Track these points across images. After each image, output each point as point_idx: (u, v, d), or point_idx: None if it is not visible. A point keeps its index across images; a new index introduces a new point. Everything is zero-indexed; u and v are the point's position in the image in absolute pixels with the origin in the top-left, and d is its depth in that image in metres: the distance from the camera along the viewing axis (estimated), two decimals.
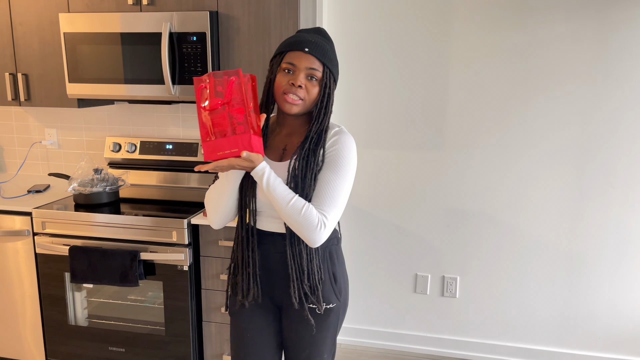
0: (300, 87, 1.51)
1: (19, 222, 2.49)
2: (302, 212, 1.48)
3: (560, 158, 2.63)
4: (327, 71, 1.54)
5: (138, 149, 2.86)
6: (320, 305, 1.62)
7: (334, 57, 1.58)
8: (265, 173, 1.47)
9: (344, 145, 1.55)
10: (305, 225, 1.48)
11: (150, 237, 2.35)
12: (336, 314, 1.68)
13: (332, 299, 1.64)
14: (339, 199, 1.53)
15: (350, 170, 1.56)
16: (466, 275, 2.85)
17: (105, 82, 2.49)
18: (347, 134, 1.59)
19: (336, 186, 1.52)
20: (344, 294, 1.70)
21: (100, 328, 2.52)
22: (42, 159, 3.11)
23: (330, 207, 1.51)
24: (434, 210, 2.81)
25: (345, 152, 1.55)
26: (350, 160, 1.56)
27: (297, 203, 1.48)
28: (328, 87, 1.55)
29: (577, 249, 2.70)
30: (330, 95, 1.56)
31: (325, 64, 1.53)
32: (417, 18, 2.64)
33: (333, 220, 1.52)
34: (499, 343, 2.88)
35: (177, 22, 2.35)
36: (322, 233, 1.50)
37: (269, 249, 1.63)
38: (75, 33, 2.46)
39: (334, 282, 1.66)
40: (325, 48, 1.54)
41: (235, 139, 1.43)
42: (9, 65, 2.65)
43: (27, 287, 2.56)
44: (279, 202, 1.49)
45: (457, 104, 2.68)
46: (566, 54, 2.53)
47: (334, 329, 1.71)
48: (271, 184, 1.48)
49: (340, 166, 1.54)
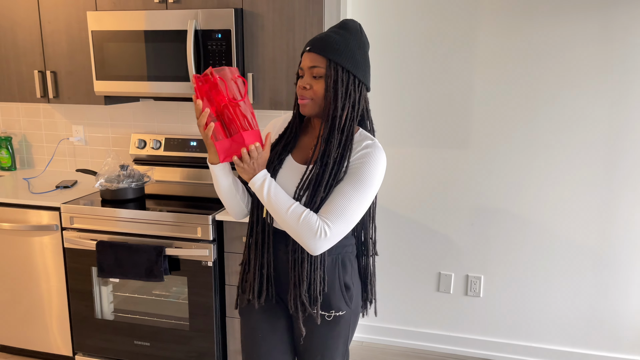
0: (305, 89, 1.47)
1: (48, 217, 2.53)
2: (302, 219, 1.42)
3: (588, 155, 2.58)
4: (332, 64, 1.43)
5: (163, 145, 2.89)
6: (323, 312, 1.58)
7: (346, 47, 1.45)
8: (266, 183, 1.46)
9: (371, 160, 1.46)
10: (303, 232, 1.43)
11: (175, 233, 2.37)
12: (347, 321, 1.63)
13: (342, 306, 1.59)
14: (347, 213, 1.44)
15: (371, 188, 1.46)
16: (490, 274, 2.82)
17: (131, 79, 2.52)
18: (378, 149, 1.49)
19: (349, 199, 1.44)
20: (355, 300, 1.64)
21: (126, 322, 2.55)
22: (70, 155, 3.16)
23: (336, 218, 1.43)
24: (458, 208, 2.78)
25: (371, 168, 1.46)
26: (374, 178, 1.46)
27: (296, 210, 1.43)
28: (332, 79, 1.44)
29: (606, 247, 2.64)
30: (337, 88, 1.44)
31: (328, 57, 1.43)
32: (441, 14, 2.61)
33: (337, 232, 1.44)
34: (523, 343, 2.84)
35: (202, 19, 2.37)
36: (321, 242, 1.43)
37: (281, 247, 1.58)
38: (103, 31, 2.49)
39: (344, 290, 1.60)
40: (332, 40, 1.44)
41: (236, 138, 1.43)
42: (38, 63, 2.69)
43: (55, 281, 2.61)
44: (278, 209, 1.44)
45: (482, 101, 2.65)
46: (593, 50, 2.48)
47: (345, 336, 1.66)
48: (272, 192, 1.45)
49: (361, 181, 1.45)
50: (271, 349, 1.67)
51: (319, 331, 1.62)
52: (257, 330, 1.67)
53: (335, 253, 1.58)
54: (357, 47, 1.47)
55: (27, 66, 2.71)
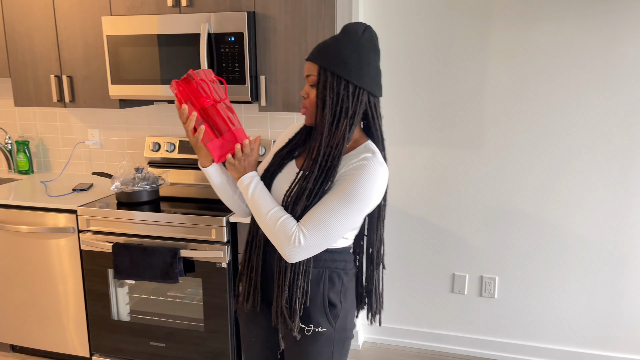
0: (303, 98, 1.45)
1: (64, 220, 2.57)
2: (279, 223, 1.37)
3: (604, 154, 2.56)
4: (322, 69, 1.37)
5: (177, 148, 2.92)
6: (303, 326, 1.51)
7: (336, 51, 1.37)
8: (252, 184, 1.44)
9: (364, 174, 1.36)
10: (279, 237, 1.37)
11: (190, 235, 2.39)
12: (329, 340, 1.52)
13: (322, 322, 1.50)
14: (326, 225, 1.36)
15: (358, 203, 1.36)
16: (505, 275, 2.80)
17: (146, 82, 2.55)
18: (375, 163, 1.38)
19: (331, 212, 1.36)
20: (341, 321, 1.53)
21: (142, 323, 2.58)
22: (86, 158, 3.20)
23: (312, 228, 1.36)
24: (472, 209, 2.77)
25: (361, 181, 1.36)
26: (363, 192, 1.36)
27: (275, 214, 1.39)
28: (321, 85, 1.37)
29: (622, 248, 2.62)
30: (325, 94, 1.37)
31: (318, 62, 1.38)
32: (454, 14, 2.61)
33: (312, 242, 1.37)
34: (538, 345, 2.82)
35: (215, 23, 2.39)
36: (295, 250, 1.36)
37: (272, 254, 1.52)
38: (118, 36, 2.52)
39: (327, 306, 1.51)
40: (325, 45, 1.39)
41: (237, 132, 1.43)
42: (54, 68, 2.73)
43: (72, 283, 2.64)
44: (259, 209, 1.41)
45: (495, 101, 2.64)
46: (608, 48, 2.45)
47: (328, 356, 1.54)
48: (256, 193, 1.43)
49: (347, 194, 1.36)
50: (260, 356, 1.66)
51: (299, 346, 1.53)
52: (245, 337, 1.66)
53: (323, 267, 1.50)
54: (352, 51, 1.37)
55: (43, 71, 2.75)
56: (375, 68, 1.41)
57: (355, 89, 1.38)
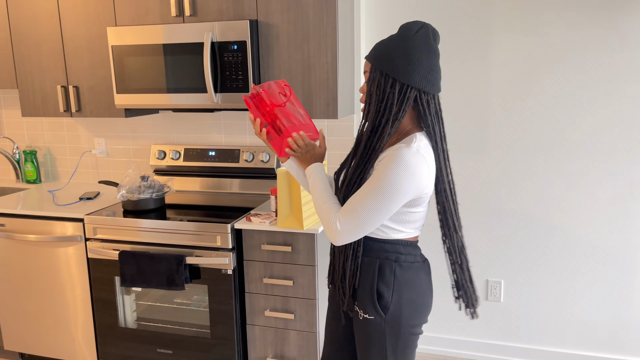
0: (362, 95, 1.57)
1: (72, 228, 2.60)
2: (324, 206, 1.55)
3: (609, 158, 2.55)
4: (372, 68, 1.50)
5: (182, 156, 2.94)
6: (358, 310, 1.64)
7: (388, 52, 1.46)
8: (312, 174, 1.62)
9: (393, 163, 1.43)
10: (324, 221, 1.54)
11: (196, 242, 2.41)
12: (378, 329, 1.59)
13: (369, 310, 1.59)
14: (358, 212, 1.46)
15: (389, 191, 1.43)
16: (511, 279, 2.79)
17: (151, 92, 2.58)
18: (407, 153, 1.43)
19: (363, 199, 1.46)
20: (392, 313, 1.58)
21: (149, 330, 2.59)
22: (92, 167, 3.23)
23: (347, 217, 1.48)
24: (477, 212, 2.77)
25: (391, 170, 1.43)
26: (394, 181, 1.42)
27: (326, 198, 1.56)
28: (372, 83, 1.49)
29: (628, 251, 2.61)
30: (372, 91, 1.49)
31: (371, 61, 1.51)
32: (456, 19, 2.62)
33: (347, 228, 1.47)
34: (545, 348, 2.81)
35: (219, 31, 2.41)
36: (334, 234, 1.51)
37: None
38: (123, 46, 2.56)
39: (375, 296, 1.58)
40: (380, 45, 1.50)
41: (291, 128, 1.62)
42: (60, 78, 2.77)
43: (79, 291, 2.66)
44: (313, 193, 1.60)
45: (500, 105, 2.65)
46: (612, 52, 2.46)
47: (380, 346, 1.61)
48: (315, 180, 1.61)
49: (378, 183, 1.44)
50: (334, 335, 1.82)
51: (356, 327, 1.67)
52: (328, 310, 1.83)
53: (374, 256, 1.59)
54: (402, 50, 1.45)
55: (50, 81, 2.79)
56: (427, 66, 1.46)
57: (403, 87, 1.46)
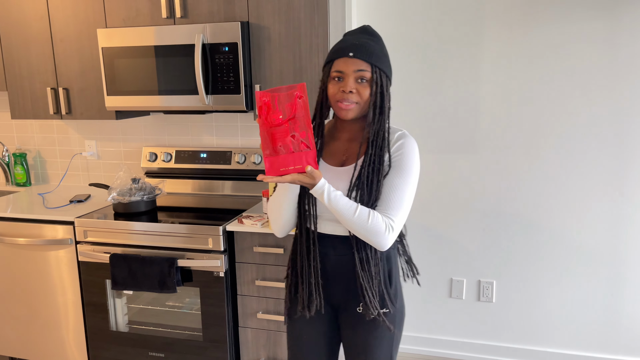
0: (351, 93, 1.52)
1: (62, 231, 2.58)
2: (370, 220, 1.50)
3: (599, 158, 2.57)
4: (377, 69, 1.52)
5: (173, 158, 2.93)
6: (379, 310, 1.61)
7: (382, 53, 1.55)
8: (326, 189, 1.48)
9: (408, 149, 1.57)
10: (373, 233, 1.51)
11: (187, 245, 2.40)
12: (391, 321, 1.64)
13: (385, 303, 1.62)
14: (404, 202, 1.55)
15: (415, 174, 1.58)
16: (503, 280, 2.80)
17: (142, 94, 2.56)
18: (410, 138, 1.60)
19: (402, 190, 1.55)
20: (399, 300, 1.67)
21: (140, 334, 2.58)
22: (83, 169, 3.21)
23: (396, 211, 1.54)
24: (469, 213, 2.78)
25: (410, 155, 1.57)
26: (415, 163, 1.58)
27: (362, 212, 1.50)
28: (379, 86, 1.53)
29: (619, 250, 2.62)
30: (383, 93, 1.54)
31: (373, 63, 1.52)
32: (447, 20, 2.63)
33: (399, 223, 1.55)
34: (537, 349, 2.82)
35: (210, 33, 2.41)
36: (390, 237, 1.53)
37: (328, 252, 1.63)
38: (113, 47, 2.54)
39: (388, 286, 1.63)
40: (371, 47, 1.53)
41: (300, 155, 1.44)
42: (50, 81, 2.75)
43: (70, 294, 2.65)
44: (344, 214, 1.50)
45: (490, 105, 2.66)
46: (601, 51, 2.47)
47: (390, 339, 1.66)
48: (332, 199, 1.49)
49: (406, 170, 1.56)
50: (316, 351, 1.74)
51: (363, 330, 1.63)
52: (302, 333, 1.73)
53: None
54: (386, 53, 1.59)
55: (40, 84, 2.77)
56: None
57: (390, 85, 1.59)
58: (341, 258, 1.62)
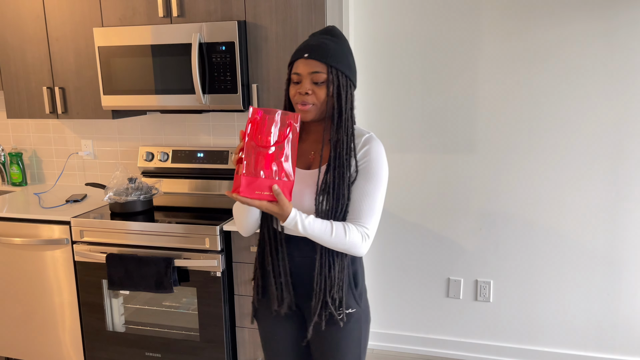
0: (307, 94, 1.50)
1: (58, 231, 2.57)
2: (347, 236, 1.50)
3: (594, 158, 2.57)
4: (333, 70, 1.49)
5: (170, 157, 2.92)
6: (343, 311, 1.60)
7: (342, 54, 1.52)
8: (298, 221, 1.46)
9: (376, 154, 1.55)
10: (351, 246, 1.52)
11: (184, 244, 2.39)
12: (357, 320, 1.64)
13: (351, 303, 1.62)
14: (375, 208, 1.54)
15: (384, 178, 1.56)
16: (500, 279, 2.80)
17: (138, 93, 2.55)
18: (377, 141, 1.57)
19: (373, 197, 1.53)
20: (364, 299, 1.67)
21: (137, 334, 2.57)
22: (79, 169, 3.20)
23: (369, 218, 1.53)
24: (466, 213, 2.78)
25: (378, 160, 1.54)
26: (383, 168, 1.56)
27: (338, 231, 1.49)
28: (336, 86, 1.50)
29: (615, 250, 2.63)
30: (340, 94, 1.51)
31: (329, 63, 1.48)
32: (444, 18, 2.63)
33: (373, 230, 1.55)
34: (534, 348, 2.82)
35: (207, 32, 2.40)
36: (366, 245, 1.54)
37: (293, 253, 1.61)
38: (109, 47, 2.53)
39: (354, 286, 1.63)
40: (328, 47, 1.50)
41: (278, 183, 1.41)
42: (46, 80, 2.74)
43: (67, 295, 2.63)
44: (321, 238, 1.49)
45: (487, 104, 2.66)
46: (597, 50, 2.48)
47: (358, 339, 1.66)
48: (307, 226, 1.46)
49: (375, 176, 1.54)
50: (288, 352, 1.73)
51: (330, 333, 1.62)
52: (273, 334, 1.72)
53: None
54: (349, 53, 1.55)
55: (36, 83, 2.76)
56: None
57: (352, 87, 1.56)
58: (305, 260, 1.60)
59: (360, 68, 2.76)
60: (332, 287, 1.56)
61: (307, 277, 1.60)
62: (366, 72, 2.77)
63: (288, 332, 1.71)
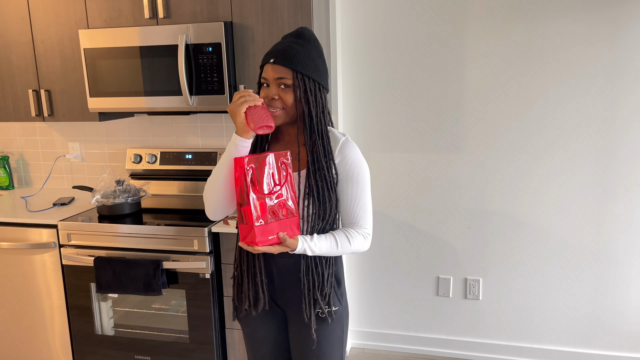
0: (274, 99, 1.51)
1: (46, 235, 2.55)
2: (352, 244, 1.57)
3: (581, 155, 2.59)
4: (299, 75, 1.49)
5: (158, 159, 2.91)
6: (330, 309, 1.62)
7: (308, 57, 1.51)
8: (307, 247, 1.50)
9: (353, 159, 1.57)
10: (357, 249, 1.60)
11: (172, 246, 2.38)
12: (339, 318, 1.66)
13: (334, 301, 1.64)
14: (367, 208, 1.61)
15: (367, 178, 1.60)
16: (489, 277, 2.82)
17: (125, 95, 2.54)
18: (351, 145, 1.59)
19: (362, 199, 1.59)
20: (344, 297, 1.70)
21: (126, 337, 2.56)
22: (67, 172, 3.18)
23: (365, 220, 1.60)
24: (454, 211, 2.79)
25: (357, 164, 1.58)
26: (364, 168, 1.59)
27: (343, 243, 1.55)
28: (302, 91, 1.50)
29: (602, 247, 2.65)
30: (308, 99, 1.51)
31: (294, 68, 1.48)
32: (431, 18, 2.63)
33: (370, 226, 1.62)
34: (523, 345, 2.84)
35: (193, 33, 2.39)
36: (369, 242, 1.63)
37: (274, 254, 1.60)
38: (95, 48, 2.52)
39: (336, 285, 1.66)
40: (295, 52, 1.49)
41: (285, 222, 1.48)
42: (32, 82, 2.72)
43: (55, 298, 2.62)
44: (330, 253, 1.56)
45: (474, 103, 2.67)
46: (585, 50, 2.49)
47: (339, 336, 1.68)
48: (314, 248, 1.52)
49: (359, 179, 1.58)
50: (273, 351, 1.74)
51: (317, 331, 1.63)
52: (257, 336, 1.73)
53: None
54: (317, 56, 1.55)
55: (21, 85, 2.73)
56: (327, 68, 1.60)
57: (323, 89, 1.56)
58: (286, 261, 1.61)
59: (347, 68, 2.76)
60: (322, 283, 1.59)
61: (290, 277, 1.61)
62: (353, 72, 2.77)
63: (270, 331, 1.72)
